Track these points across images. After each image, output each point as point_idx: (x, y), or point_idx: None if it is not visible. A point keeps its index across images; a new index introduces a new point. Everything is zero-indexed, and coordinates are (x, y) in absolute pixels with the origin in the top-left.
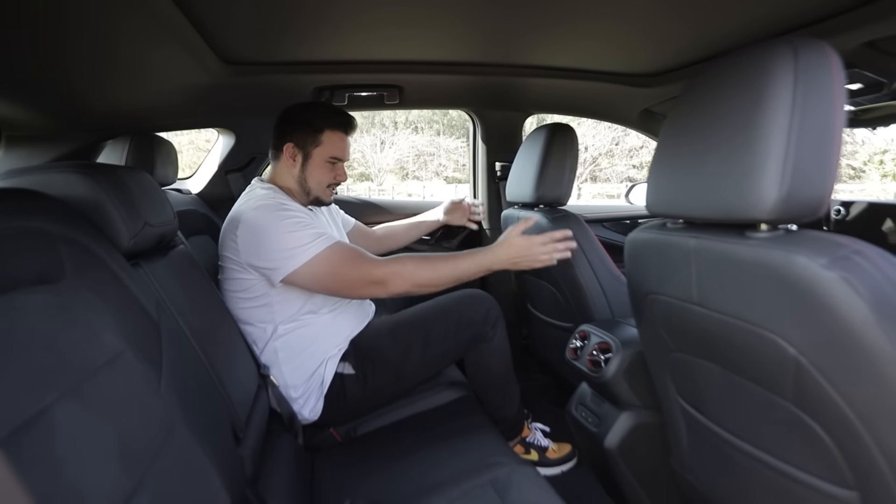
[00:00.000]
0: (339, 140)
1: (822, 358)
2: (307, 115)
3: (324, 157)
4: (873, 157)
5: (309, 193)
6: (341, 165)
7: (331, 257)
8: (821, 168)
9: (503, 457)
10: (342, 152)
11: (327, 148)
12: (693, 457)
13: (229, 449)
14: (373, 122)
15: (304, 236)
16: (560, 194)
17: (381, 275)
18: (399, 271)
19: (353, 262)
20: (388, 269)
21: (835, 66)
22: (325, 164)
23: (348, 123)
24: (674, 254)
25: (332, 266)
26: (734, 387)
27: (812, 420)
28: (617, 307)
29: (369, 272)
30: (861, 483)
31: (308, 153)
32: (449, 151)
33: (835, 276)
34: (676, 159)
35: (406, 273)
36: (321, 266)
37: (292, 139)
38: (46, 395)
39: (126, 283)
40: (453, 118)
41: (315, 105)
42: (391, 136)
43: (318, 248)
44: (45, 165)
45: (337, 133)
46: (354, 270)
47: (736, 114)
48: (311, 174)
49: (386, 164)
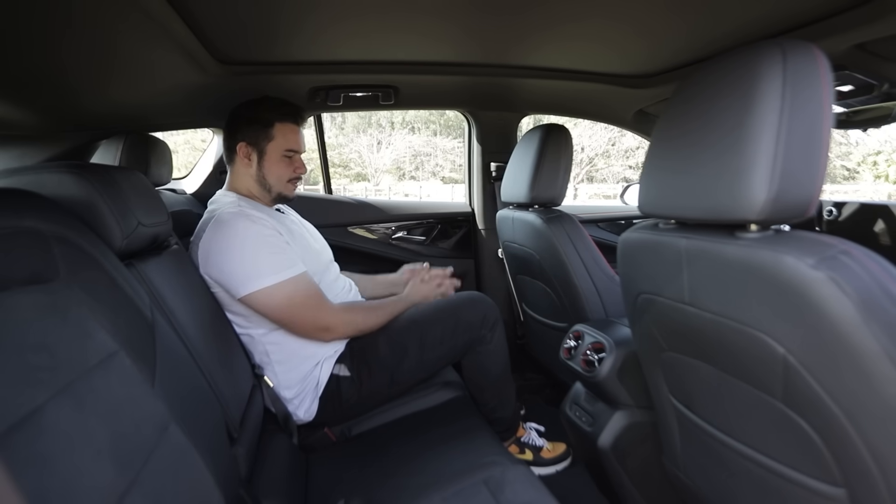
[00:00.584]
0: (292, 132)
1: (810, 357)
2: (255, 111)
3: (279, 152)
4: (867, 157)
5: (270, 191)
6: (299, 158)
7: (296, 290)
8: (809, 169)
9: (497, 456)
10: (297, 144)
11: (281, 141)
12: (685, 455)
13: (223, 449)
14: (369, 122)
15: (275, 261)
16: (554, 195)
17: (332, 322)
18: (350, 319)
19: (311, 303)
20: (340, 318)
21: (823, 69)
22: (282, 158)
23: (297, 114)
24: (665, 254)
25: (293, 300)
26: (725, 386)
27: (801, 418)
28: (611, 307)
29: (322, 318)
30: (849, 480)
31: (262, 149)
32: (446, 152)
33: (822, 275)
34: (668, 161)
35: (358, 321)
36: (281, 296)
37: (244, 138)
38: (39, 394)
39: (119, 284)
40: (450, 118)
41: (261, 99)
42: (388, 137)
43: (285, 275)
44: (37, 166)
45: (287, 125)
46: (309, 312)
47: (725, 115)
48: (269, 170)
49: (382, 165)
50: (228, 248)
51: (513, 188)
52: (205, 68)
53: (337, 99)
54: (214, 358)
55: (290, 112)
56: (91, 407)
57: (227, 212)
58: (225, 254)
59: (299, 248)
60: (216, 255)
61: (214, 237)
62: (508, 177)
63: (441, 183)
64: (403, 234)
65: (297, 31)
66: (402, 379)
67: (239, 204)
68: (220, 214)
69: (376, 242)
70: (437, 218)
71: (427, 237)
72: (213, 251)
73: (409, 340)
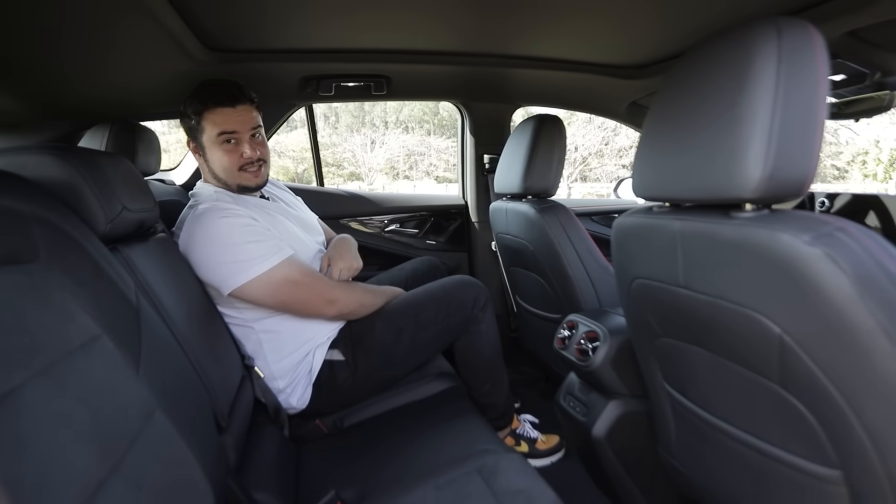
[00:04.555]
0: (221, 115)
1: (806, 335)
2: (185, 109)
3: (212, 140)
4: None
5: (226, 182)
6: (243, 140)
7: (290, 271)
8: (804, 147)
9: (490, 445)
10: (228, 124)
11: (210, 129)
12: (680, 443)
13: (211, 437)
14: (363, 121)
15: (260, 249)
16: (548, 185)
17: (337, 295)
18: (353, 293)
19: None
20: (343, 290)
21: (818, 47)
22: (220, 146)
23: (224, 93)
24: (659, 237)
25: (291, 279)
26: (720, 370)
27: (797, 400)
28: (605, 297)
29: (326, 291)
30: (844, 461)
31: (201, 144)
32: (439, 151)
33: (818, 252)
34: (661, 142)
35: (359, 296)
36: (278, 280)
37: (188, 136)
38: (16, 375)
39: (103, 267)
40: (444, 118)
41: (192, 94)
42: (381, 136)
43: (272, 262)
44: (17, 147)
45: (217, 109)
46: (311, 288)
47: (720, 95)
48: (213, 162)
49: (376, 164)
50: (205, 249)
51: (506, 179)
52: (193, 55)
53: (328, 89)
54: (202, 346)
55: (213, 95)
56: (72, 390)
57: (201, 206)
58: (204, 255)
59: (280, 234)
60: (195, 256)
61: (192, 237)
62: (502, 167)
63: (435, 182)
64: (396, 226)
65: (287, 18)
66: (398, 360)
67: (216, 196)
68: (195, 210)
69: (369, 235)
70: (430, 211)
71: (420, 230)
72: (190, 252)
73: (403, 320)
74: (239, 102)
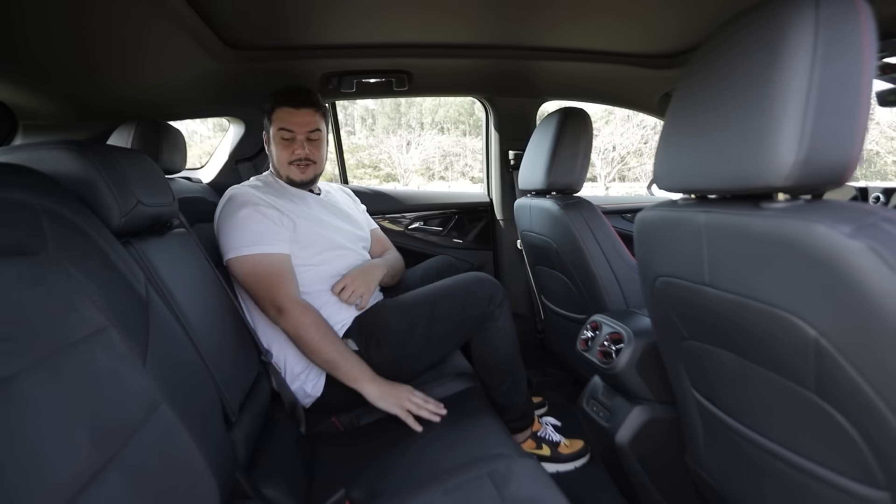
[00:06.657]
0: (286, 114)
1: (846, 339)
2: (265, 106)
3: (276, 133)
4: None
5: (278, 172)
6: (299, 139)
7: (257, 265)
8: (846, 126)
9: (504, 448)
10: (289, 123)
11: (275, 125)
12: (709, 454)
13: (218, 432)
14: (399, 123)
15: (249, 236)
16: (573, 180)
17: (288, 307)
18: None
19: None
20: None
21: (863, 16)
22: (281, 141)
23: (292, 96)
24: (683, 231)
25: (255, 274)
26: (750, 376)
27: (836, 410)
28: (632, 297)
29: (278, 298)
30: (893, 482)
31: (269, 135)
32: (475, 152)
33: (861, 245)
34: (686, 127)
35: (306, 321)
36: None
37: (264, 128)
38: (11, 364)
39: (113, 260)
40: (479, 119)
41: (271, 94)
42: (417, 137)
43: (249, 251)
44: (36, 143)
45: (283, 108)
46: (267, 288)
47: (751, 72)
48: (273, 153)
49: (412, 165)
50: (221, 221)
51: (530, 175)
52: (215, 53)
53: (350, 85)
54: (214, 341)
55: (284, 96)
56: (70, 380)
57: (234, 189)
58: (219, 225)
59: (302, 231)
60: (216, 225)
61: (218, 210)
62: (526, 163)
63: (470, 182)
64: (420, 224)
65: (306, 14)
66: (412, 353)
67: (253, 184)
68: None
69: (394, 233)
70: (455, 208)
71: (444, 228)
72: (216, 224)
73: (418, 312)
74: (303, 106)
